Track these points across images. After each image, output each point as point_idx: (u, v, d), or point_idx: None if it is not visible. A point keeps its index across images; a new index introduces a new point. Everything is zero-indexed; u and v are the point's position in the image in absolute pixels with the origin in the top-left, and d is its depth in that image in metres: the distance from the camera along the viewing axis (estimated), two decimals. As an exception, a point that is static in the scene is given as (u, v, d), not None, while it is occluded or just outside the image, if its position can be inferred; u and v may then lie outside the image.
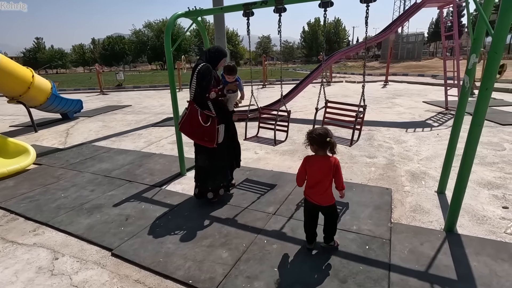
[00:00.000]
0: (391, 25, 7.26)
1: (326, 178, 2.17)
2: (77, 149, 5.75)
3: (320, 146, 2.15)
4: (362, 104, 3.12)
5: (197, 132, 2.97)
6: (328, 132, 2.17)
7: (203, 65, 2.98)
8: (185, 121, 3.01)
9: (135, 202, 3.38)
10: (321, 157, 2.19)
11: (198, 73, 2.95)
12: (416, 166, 4.16)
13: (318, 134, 2.13)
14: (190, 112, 2.96)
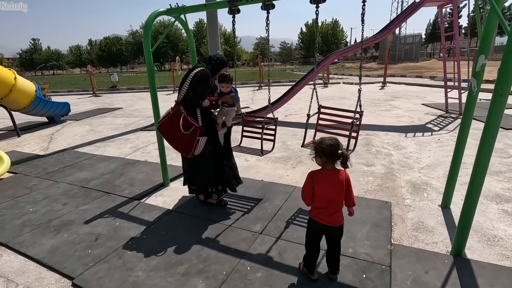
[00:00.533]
0: (389, 25, 6.99)
1: (339, 195, 1.90)
2: (58, 156, 5.42)
3: (330, 159, 1.87)
4: (359, 110, 2.82)
5: (175, 137, 2.72)
6: (340, 143, 1.89)
7: (202, 69, 2.72)
8: (165, 121, 2.75)
9: (109, 219, 3.06)
10: (330, 171, 1.90)
11: (195, 76, 2.68)
12: (417, 175, 3.87)
13: (329, 145, 1.84)
14: (174, 114, 2.70)
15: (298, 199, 3.27)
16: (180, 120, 2.64)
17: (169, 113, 2.72)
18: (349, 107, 9.44)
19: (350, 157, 1.87)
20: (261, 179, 3.98)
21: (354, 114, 2.79)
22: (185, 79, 2.71)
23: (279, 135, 6.23)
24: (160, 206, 3.31)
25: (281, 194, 3.43)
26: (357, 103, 2.75)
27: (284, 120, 7.72)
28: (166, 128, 2.75)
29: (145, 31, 3.35)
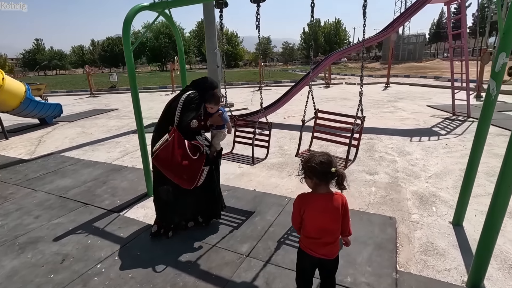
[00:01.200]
0: (393, 23, 6.65)
1: (334, 224, 1.56)
2: (43, 161, 5.14)
3: (322, 180, 1.53)
4: (360, 115, 2.50)
5: (178, 167, 2.37)
6: (333, 159, 1.55)
7: (193, 92, 2.50)
8: (164, 149, 2.35)
9: (81, 235, 2.76)
10: (324, 196, 1.56)
11: (186, 99, 2.44)
12: (424, 185, 3.53)
13: (319, 162, 1.50)
14: (174, 139, 2.35)
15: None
16: (185, 146, 2.36)
17: (167, 140, 2.37)
18: (351, 109, 9.15)
19: (346, 176, 1.53)
20: (254, 188, 3.67)
21: (355, 120, 2.46)
22: (176, 104, 2.45)
23: (276, 138, 5.93)
24: (140, 220, 3.00)
25: (274, 207, 3.12)
26: (358, 107, 2.42)
27: (283, 122, 7.41)
28: (165, 157, 2.38)
29: (124, 28, 3.05)
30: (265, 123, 3.14)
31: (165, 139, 2.36)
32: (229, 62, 60.98)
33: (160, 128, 2.52)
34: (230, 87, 18.03)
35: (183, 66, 3.95)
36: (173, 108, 2.45)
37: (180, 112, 2.42)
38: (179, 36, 3.66)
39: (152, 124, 7.79)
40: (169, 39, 54.60)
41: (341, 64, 40.97)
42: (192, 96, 2.48)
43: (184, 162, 2.34)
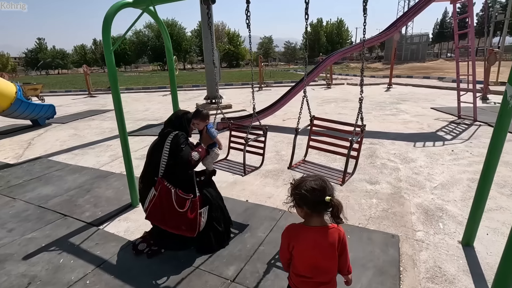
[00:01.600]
0: (396, 22, 6.38)
1: (329, 262, 1.29)
2: (29, 165, 4.92)
3: (315, 210, 1.27)
4: (360, 124, 2.24)
5: (172, 220, 2.18)
6: (327, 185, 1.28)
7: (175, 134, 2.25)
8: (153, 205, 2.18)
9: (54, 253, 2.53)
10: (316, 229, 1.29)
11: (172, 142, 2.20)
12: (429, 197, 3.27)
13: (311, 189, 1.24)
14: (161, 193, 2.14)
15: (286, 229, 2.72)
16: (172, 199, 2.13)
17: (154, 195, 2.17)
18: (352, 111, 8.83)
19: (343, 207, 1.27)
20: (246, 199, 3.42)
21: (355, 129, 2.21)
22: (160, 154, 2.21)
23: (273, 142, 5.68)
24: (119, 235, 2.77)
25: (266, 221, 2.87)
26: (358, 115, 2.16)
27: (281, 125, 7.16)
28: (157, 212, 2.19)
29: (104, 26, 2.81)
30: (260, 128, 2.91)
31: (152, 195, 2.19)
32: (231, 62, 60.77)
33: (145, 180, 2.33)
34: (230, 87, 17.80)
35: (172, 67, 3.72)
36: (157, 157, 2.22)
37: (166, 159, 2.19)
38: (167, 35, 3.42)
39: (147, 126, 7.57)
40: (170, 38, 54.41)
41: (343, 64, 40.63)
42: (176, 136, 2.23)
43: (176, 215, 2.15)
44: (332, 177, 2.37)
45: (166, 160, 2.19)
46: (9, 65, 66.70)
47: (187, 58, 62.71)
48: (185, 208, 2.16)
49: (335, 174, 2.44)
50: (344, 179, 2.27)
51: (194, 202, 2.22)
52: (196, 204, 2.23)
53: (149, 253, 2.43)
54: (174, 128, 2.30)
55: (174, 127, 2.30)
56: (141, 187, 2.34)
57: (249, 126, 2.80)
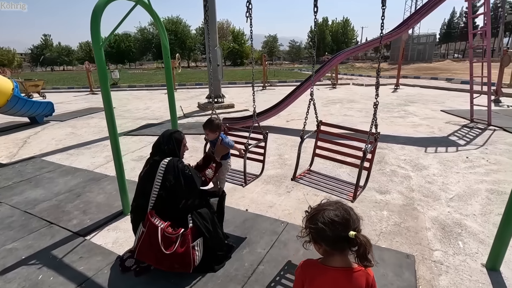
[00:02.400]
0: (407, 20, 6.07)
1: None
2: (21, 166, 4.72)
3: (335, 247, 1.03)
4: (374, 131, 1.98)
5: (164, 258, 1.93)
6: (351, 215, 1.04)
7: (169, 160, 2.02)
8: (142, 243, 1.95)
9: (33, 267, 2.31)
10: (338, 271, 1.04)
11: (166, 172, 1.97)
12: (445, 210, 2.99)
13: (330, 222, 1.00)
14: (149, 231, 1.90)
15: (289, 244, 2.47)
16: (158, 237, 1.87)
17: (143, 232, 1.94)
18: (358, 112, 8.54)
19: (371, 245, 1.01)
20: (246, 208, 3.18)
21: (369, 137, 1.95)
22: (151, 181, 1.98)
23: (275, 145, 5.43)
24: (107, 248, 2.54)
25: (266, 235, 2.62)
26: (373, 122, 1.90)
27: (285, 127, 6.90)
28: (147, 251, 1.96)
29: (93, 20, 2.56)
30: (260, 132, 2.68)
31: (140, 232, 1.96)
32: (235, 60, 60.49)
33: (133, 210, 2.12)
34: (233, 86, 17.55)
35: (168, 65, 3.48)
36: (147, 187, 1.99)
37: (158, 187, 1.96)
38: (162, 29, 3.17)
39: (146, 126, 7.35)
40: (174, 36, 54.29)
41: (348, 64, 40.17)
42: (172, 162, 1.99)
43: (167, 251, 1.89)
44: (341, 191, 2.11)
45: (157, 190, 1.96)
46: (15, 61, 67.11)
47: (191, 56, 62.56)
48: (173, 248, 1.89)
49: (344, 188, 2.18)
50: (355, 194, 2.01)
51: (184, 236, 1.95)
52: (188, 238, 1.96)
53: (137, 270, 2.20)
54: (163, 153, 2.06)
55: (162, 152, 2.06)
56: (132, 218, 2.11)
57: (250, 131, 2.57)
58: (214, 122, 2.41)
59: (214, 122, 2.41)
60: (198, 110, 9.36)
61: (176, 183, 1.94)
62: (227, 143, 2.43)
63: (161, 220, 1.92)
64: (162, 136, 2.14)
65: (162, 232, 1.85)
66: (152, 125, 7.43)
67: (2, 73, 17.12)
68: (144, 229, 1.89)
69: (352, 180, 3.74)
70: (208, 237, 2.15)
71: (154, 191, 1.94)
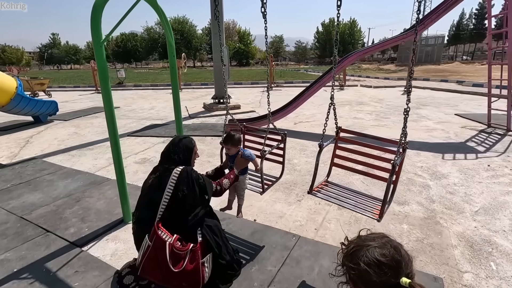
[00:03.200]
0: (423, 20, 5.81)
1: None
2: (21, 167, 4.57)
3: None
4: (403, 141, 1.76)
5: (171, 277, 1.71)
6: (402, 255, 0.82)
7: (179, 169, 1.83)
8: (147, 259, 1.72)
9: (24, 282, 2.13)
10: None
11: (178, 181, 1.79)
12: (472, 225, 2.75)
13: (376, 263, 0.80)
14: (156, 245, 1.69)
15: (302, 262, 2.26)
16: (166, 253, 1.65)
17: (148, 248, 1.72)
18: (368, 115, 8.26)
19: None
20: (254, 218, 2.97)
21: (399, 147, 1.72)
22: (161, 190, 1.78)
23: (284, 149, 5.21)
24: (104, 260, 2.35)
25: (277, 250, 2.41)
26: (402, 132, 1.68)
27: (293, 129, 6.68)
28: (153, 268, 1.73)
29: (93, 16, 2.38)
30: (277, 132, 2.50)
31: (146, 246, 1.72)
32: (241, 60, 60.39)
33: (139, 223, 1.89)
34: (239, 86, 17.37)
35: (173, 64, 3.28)
36: (156, 197, 1.79)
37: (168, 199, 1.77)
38: (168, 26, 2.99)
39: (151, 126, 7.19)
40: (181, 36, 54.37)
41: (355, 65, 39.74)
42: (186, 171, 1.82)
43: (175, 269, 1.68)
44: (365, 208, 1.89)
45: (167, 201, 1.76)
46: (24, 59, 67.93)
47: (197, 56, 62.60)
48: (182, 265, 1.70)
49: (368, 204, 1.96)
50: (382, 211, 1.79)
51: (194, 252, 1.75)
52: (197, 254, 1.76)
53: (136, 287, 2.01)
54: (173, 162, 1.87)
55: (173, 161, 1.87)
56: (134, 230, 1.91)
57: (266, 132, 2.39)
58: (235, 137, 2.29)
59: (235, 137, 2.29)
60: (204, 111, 9.19)
61: (189, 193, 1.76)
62: (248, 155, 2.30)
63: (169, 233, 1.72)
64: (172, 144, 1.96)
65: (170, 248, 1.65)
66: (156, 125, 7.27)
67: (9, 71, 17.18)
68: (150, 243, 1.69)
69: (367, 190, 3.54)
70: (218, 253, 1.95)
71: (164, 201, 1.75)
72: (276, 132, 2.52)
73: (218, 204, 3.22)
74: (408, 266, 0.82)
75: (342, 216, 2.95)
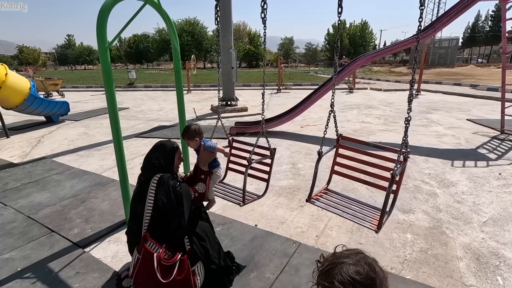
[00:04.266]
0: (435, 22, 5.69)
1: None
2: (31, 166, 4.69)
3: None
4: (404, 150, 1.72)
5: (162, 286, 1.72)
6: (376, 272, 0.80)
7: (157, 177, 1.80)
8: (138, 272, 1.74)
9: (27, 282, 2.17)
10: None
11: (156, 191, 1.76)
12: (479, 236, 2.67)
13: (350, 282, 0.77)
14: (144, 258, 1.71)
15: (301, 270, 2.23)
16: (154, 265, 1.66)
17: (138, 259, 1.74)
18: (377, 119, 8.11)
19: None
20: (255, 223, 2.96)
21: (399, 156, 1.69)
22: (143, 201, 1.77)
23: (289, 153, 5.18)
24: (106, 262, 2.38)
25: (276, 257, 2.39)
26: (403, 141, 1.64)
27: (299, 133, 6.63)
28: (145, 280, 1.75)
29: (99, 20, 2.42)
30: (267, 148, 2.42)
31: (136, 258, 1.74)
32: (250, 62, 60.55)
33: (130, 234, 1.91)
34: (247, 88, 17.40)
35: (178, 68, 3.31)
36: (140, 209, 1.78)
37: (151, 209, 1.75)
38: (174, 31, 3.01)
39: (158, 128, 7.27)
40: (191, 37, 54.94)
41: (365, 67, 39.26)
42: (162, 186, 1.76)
43: (164, 280, 1.68)
44: (364, 218, 1.85)
45: (150, 211, 1.74)
46: (40, 60, 69.95)
47: (208, 57, 63.11)
48: (172, 276, 1.69)
49: (367, 213, 1.92)
50: (380, 222, 1.75)
51: (182, 262, 1.74)
52: (186, 264, 1.75)
53: None
54: (155, 168, 1.83)
55: (154, 167, 1.83)
56: (127, 239, 1.92)
57: (254, 145, 2.33)
58: (190, 129, 2.11)
59: (190, 129, 2.11)
60: (211, 113, 9.24)
61: (168, 202, 1.74)
62: (209, 146, 2.12)
63: (157, 244, 1.72)
64: (153, 149, 1.91)
65: (158, 260, 1.65)
66: (164, 127, 7.34)
67: (25, 71, 17.69)
68: (139, 255, 1.70)
69: (371, 196, 3.48)
70: (207, 259, 1.94)
71: (147, 212, 1.75)
72: (267, 147, 2.40)
73: (221, 207, 3.22)
74: (383, 283, 0.79)
75: (345, 223, 2.90)
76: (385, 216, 1.82)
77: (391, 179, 1.65)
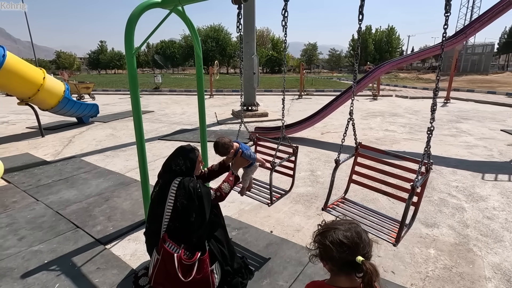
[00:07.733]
0: (466, 28, 5.44)
1: None
2: (62, 165, 4.98)
3: (341, 270, 1.00)
4: (427, 161, 1.65)
5: (182, 286, 1.78)
6: (362, 240, 0.98)
7: (178, 180, 1.85)
8: (158, 272, 1.80)
9: (52, 274, 2.30)
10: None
11: (177, 193, 1.81)
12: (511, 256, 2.48)
13: (338, 242, 0.97)
14: (164, 258, 1.77)
15: (315, 280, 2.18)
16: (175, 265, 1.71)
17: (158, 260, 1.80)
18: (401, 128, 7.87)
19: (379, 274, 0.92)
20: (271, 230, 2.94)
21: (420, 168, 1.62)
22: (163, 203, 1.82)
23: (308, 159, 5.13)
24: (125, 260, 2.47)
25: (291, 266, 2.36)
26: (425, 151, 1.58)
27: (319, 139, 6.55)
28: (164, 280, 1.80)
29: (127, 28, 2.55)
30: (289, 145, 2.50)
31: (155, 259, 1.80)
32: (273, 68, 60.83)
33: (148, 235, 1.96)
34: (269, 93, 17.47)
35: (200, 74, 3.40)
36: (159, 210, 1.83)
37: (170, 210, 1.80)
38: (197, 39, 3.10)
39: (181, 131, 7.47)
40: (216, 43, 56.16)
41: (391, 73, 38.13)
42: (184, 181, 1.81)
43: (186, 280, 1.73)
44: (381, 229, 1.79)
45: (170, 213, 1.80)
46: (75, 64, 74.53)
47: (231, 63, 64.19)
48: (191, 275, 1.73)
49: (386, 225, 1.85)
50: (399, 235, 1.68)
51: (202, 261, 1.77)
52: (206, 263, 1.79)
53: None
54: (174, 172, 1.88)
55: (174, 173, 1.88)
56: (146, 240, 1.98)
57: (278, 144, 2.39)
58: (218, 145, 2.16)
59: (218, 145, 2.16)
60: (232, 118, 9.36)
61: (189, 204, 1.78)
62: (249, 155, 2.19)
63: (175, 244, 1.77)
64: (174, 155, 1.96)
65: (178, 259, 1.70)
66: (185, 130, 7.53)
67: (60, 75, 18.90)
68: (159, 256, 1.75)
69: (392, 208, 3.35)
70: (223, 262, 1.97)
71: (166, 214, 1.80)
72: (289, 145, 2.52)
73: (249, 204, 3.24)
74: (366, 248, 0.96)
75: (363, 234, 2.81)
76: (405, 229, 1.75)
77: (411, 190, 1.58)
